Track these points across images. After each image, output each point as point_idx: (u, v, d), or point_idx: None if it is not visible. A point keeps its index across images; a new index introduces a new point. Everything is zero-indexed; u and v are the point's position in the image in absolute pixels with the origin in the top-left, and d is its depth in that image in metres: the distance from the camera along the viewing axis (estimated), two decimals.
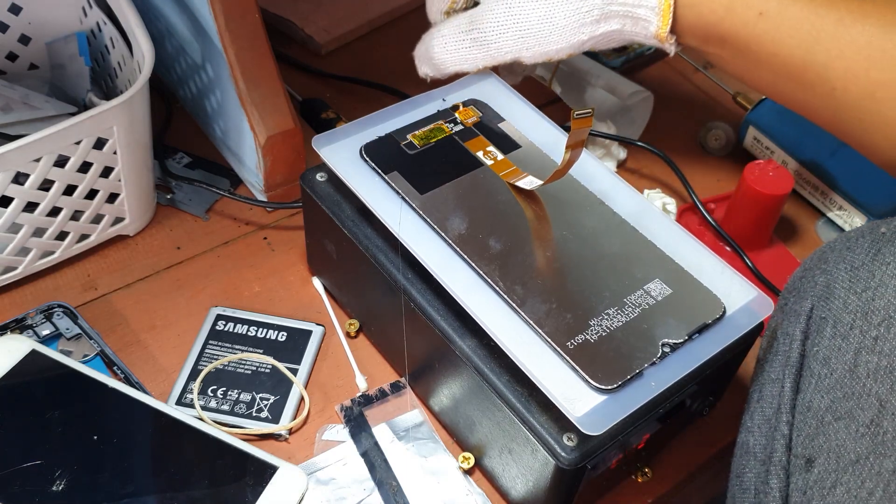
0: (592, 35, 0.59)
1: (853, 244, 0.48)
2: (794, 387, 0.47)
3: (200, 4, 0.65)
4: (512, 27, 0.60)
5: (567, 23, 0.59)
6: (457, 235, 0.54)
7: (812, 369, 0.46)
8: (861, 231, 0.48)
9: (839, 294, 0.46)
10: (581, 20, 0.59)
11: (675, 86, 0.90)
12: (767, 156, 0.79)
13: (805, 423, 0.46)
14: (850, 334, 0.45)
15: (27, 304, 0.65)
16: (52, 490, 0.52)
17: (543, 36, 0.60)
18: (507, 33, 0.60)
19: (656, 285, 0.52)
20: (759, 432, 0.49)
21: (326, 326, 0.65)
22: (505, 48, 0.61)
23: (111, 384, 0.57)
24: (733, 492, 0.50)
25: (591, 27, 0.59)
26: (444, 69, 0.64)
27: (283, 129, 0.68)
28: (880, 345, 0.44)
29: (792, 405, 0.47)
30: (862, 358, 0.44)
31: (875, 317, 0.44)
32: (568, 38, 0.60)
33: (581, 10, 0.58)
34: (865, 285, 0.45)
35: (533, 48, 0.61)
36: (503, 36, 0.60)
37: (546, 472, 0.49)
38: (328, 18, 0.91)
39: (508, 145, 0.60)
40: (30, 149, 0.57)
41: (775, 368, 0.49)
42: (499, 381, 0.50)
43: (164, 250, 0.70)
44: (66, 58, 0.72)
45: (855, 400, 0.44)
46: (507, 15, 0.60)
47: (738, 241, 0.71)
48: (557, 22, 0.59)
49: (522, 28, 0.60)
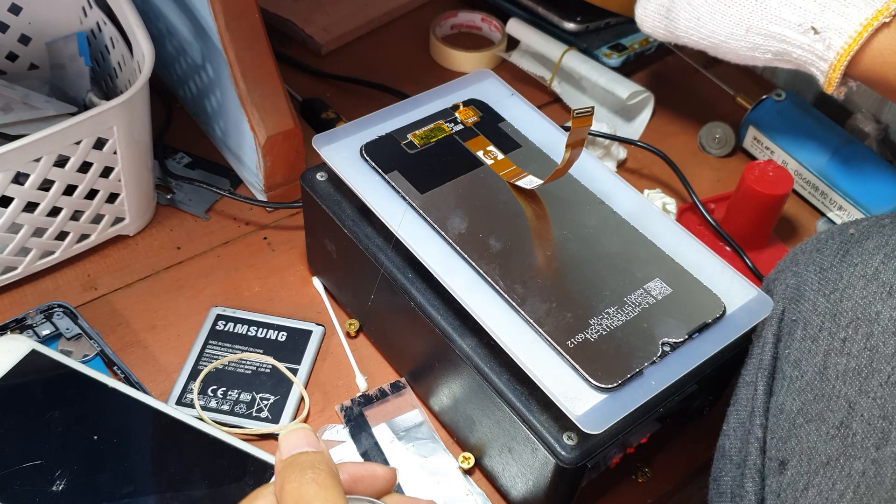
0: (766, 63, 0.65)
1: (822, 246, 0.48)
2: (767, 389, 0.48)
3: (200, 4, 0.65)
4: (696, 32, 0.66)
5: (745, 53, 0.65)
6: (457, 235, 0.54)
7: (784, 372, 0.47)
8: (831, 232, 0.49)
9: (809, 296, 0.47)
10: (757, 53, 0.64)
11: (675, 86, 0.90)
12: (767, 156, 0.79)
13: (778, 426, 0.46)
14: (820, 336, 0.45)
15: (27, 304, 0.65)
16: (52, 490, 0.51)
17: (721, 52, 0.66)
18: (692, 34, 0.67)
19: (656, 284, 0.52)
20: (735, 435, 0.49)
21: (326, 326, 0.65)
22: (686, 40, 0.68)
23: (111, 384, 0.57)
24: (711, 496, 0.50)
25: (765, 59, 0.64)
26: (640, 26, 0.72)
27: (283, 129, 0.68)
28: (848, 346, 0.44)
29: (765, 408, 0.47)
30: (831, 360, 0.44)
31: (843, 318, 0.44)
32: (743, 58, 0.66)
33: (760, 47, 0.63)
34: (833, 287, 0.46)
35: (709, 50, 0.67)
36: (688, 33, 0.67)
37: (546, 471, 0.49)
38: (328, 18, 0.91)
39: (508, 145, 0.60)
40: (30, 149, 0.57)
41: (749, 371, 0.49)
42: (499, 380, 0.50)
43: (164, 250, 0.70)
44: (66, 58, 0.72)
45: (825, 402, 0.44)
46: (696, 23, 0.65)
47: (738, 240, 0.71)
48: (735, 46, 0.64)
49: (705, 36, 0.66)
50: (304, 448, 0.37)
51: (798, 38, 0.60)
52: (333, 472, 0.36)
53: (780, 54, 0.62)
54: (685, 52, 0.90)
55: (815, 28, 0.58)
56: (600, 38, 0.88)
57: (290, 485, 0.35)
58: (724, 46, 0.65)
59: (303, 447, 0.37)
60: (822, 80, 0.61)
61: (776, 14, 0.60)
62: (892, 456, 0.42)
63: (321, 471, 0.36)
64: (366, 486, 0.39)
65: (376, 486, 0.39)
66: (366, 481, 0.39)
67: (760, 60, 0.65)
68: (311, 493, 0.35)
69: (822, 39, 0.58)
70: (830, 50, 0.58)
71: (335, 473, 0.36)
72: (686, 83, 0.90)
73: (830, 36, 0.58)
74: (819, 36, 0.58)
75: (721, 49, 0.66)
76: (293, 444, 0.37)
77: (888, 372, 0.42)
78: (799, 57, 0.61)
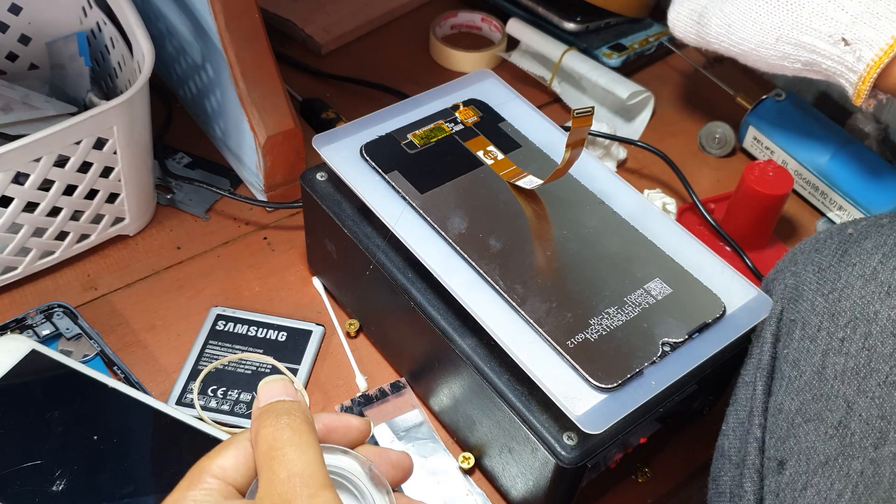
0: (795, 73, 0.65)
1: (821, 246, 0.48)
2: (765, 389, 0.48)
3: (200, 4, 0.65)
4: (727, 38, 0.67)
5: (775, 62, 0.65)
6: (457, 235, 0.54)
7: (783, 371, 0.47)
8: (829, 232, 0.49)
9: (807, 296, 0.47)
10: (786, 63, 0.64)
11: (675, 86, 0.90)
12: (767, 156, 0.79)
13: (777, 426, 0.46)
14: (818, 336, 0.45)
15: (27, 304, 0.65)
16: (52, 490, 0.51)
17: (751, 59, 0.67)
18: (722, 41, 0.67)
19: (656, 284, 0.52)
20: (734, 435, 0.49)
21: (326, 326, 0.65)
22: (717, 46, 0.69)
23: (111, 384, 0.57)
24: (710, 495, 0.50)
25: (794, 69, 0.65)
26: (671, 30, 0.73)
27: (283, 129, 0.68)
28: (847, 346, 0.44)
29: (764, 408, 0.47)
30: (829, 360, 0.44)
31: (841, 318, 0.44)
32: (772, 67, 0.66)
33: (789, 56, 0.63)
34: (832, 287, 0.46)
35: (739, 57, 0.68)
36: (719, 39, 0.68)
37: (546, 471, 0.49)
38: (328, 18, 0.91)
39: (508, 145, 0.60)
40: (30, 149, 0.57)
41: (748, 371, 0.49)
42: (499, 380, 0.50)
43: (164, 250, 0.70)
44: (66, 58, 0.72)
45: (823, 402, 0.44)
46: (727, 30, 0.66)
47: (738, 240, 0.71)
48: (765, 55, 0.65)
49: (735, 43, 0.66)
50: (281, 397, 0.38)
51: (828, 49, 0.60)
52: (308, 420, 0.37)
53: (809, 64, 0.63)
54: (685, 53, 0.90)
55: (846, 39, 0.58)
56: (600, 38, 0.88)
57: (265, 429, 0.36)
58: (753, 54, 0.65)
59: (281, 396, 0.38)
60: (851, 92, 0.61)
61: (807, 24, 0.61)
62: (890, 456, 0.42)
63: (296, 417, 0.37)
64: (340, 436, 0.40)
65: (350, 436, 0.40)
66: (340, 431, 0.40)
67: (789, 70, 0.65)
68: (284, 437, 0.36)
69: (853, 51, 0.58)
70: (860, 62, 0.58)
71: (310, 421, 0.37)
72: (686, 83, 0.90)
73: (861, 48, 0.58)
74: (850, 47, 0.59)
75: (750, 57, 0.66)
76: (270, 393, 0.38)
77: (886, 372, 0.42)
78: (828, 68, 0.61)
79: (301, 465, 0.35)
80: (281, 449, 0.35)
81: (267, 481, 0.35)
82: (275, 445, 0.35)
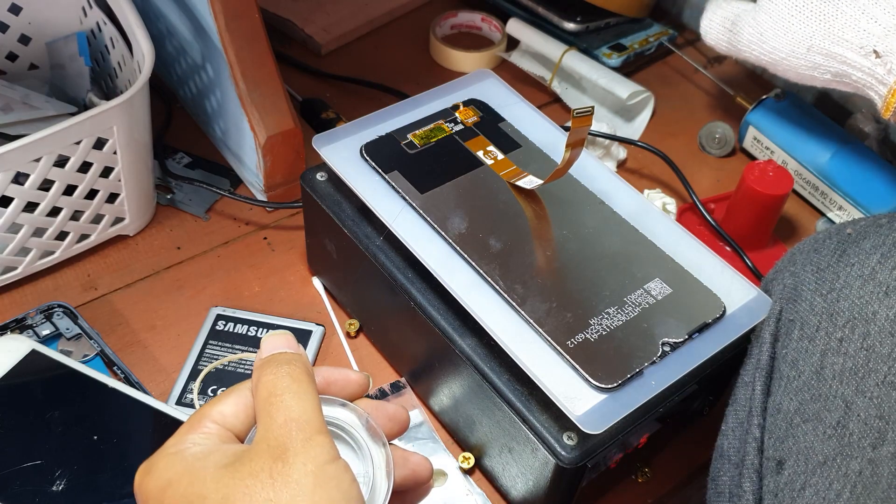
0: (824, 84, 0.66)
1: (820, 246, 0.48)
2: (764, 389, 0.48)
3: (200, 4, 0.65)
4: (758, 47, 0.67)
5: (805, 72, 0.65)
6: (457, 235, 0.54)
7: (781, 371, 0.47)
8: (828, 232, 0.49)
9: (806, 296, 0.47)
10: (816, 73, 0.65)
11: (675, 86, 0.90)
12: (767, 156, 0.79)
13: (775, 426, 0.46)
14: (817, 336, 0.45)
15: (27, 304, 0.65)
16: (52, 490, 0.51)
17: (781, 69, 0.67)
18: (754, 49, 0.68)
19: (656, 284, 0.52)
20: (733, 435, 0.49)
21: (326, 326, 0.65)
22: (748, 55, 0.69)
23: (111, 384, 0.57)
24: (709, 495, 0.50)
25: (824, 80, 0.65)
26: (703, 37, 0.73)
27: (283, 129, 0.68)
28: (845, 346, 0.44)
29: (763, 408, 0.47)
30: (828, 360, 0.44)
31: (840, 318, 0.44)
32: (802, 77, 0.66)
33: (820, 66, 0.63)
34: (830, 287, 0.46)
35: (769, 66, 0.68)
36: (750, 48, 0.68)
37: (546, 471, 0.49)
38: (328, 18, 0.91)
39: (508, 145, 0.60)
40: (30, 149, 0.57)
41: (747, 371, 0.49)
42: (499, 380, 0.50)
43: (164, 250, 0.70)
44: (66, 58, 0.72)
45: (822, 402, 0.44)
46: (759, 38, 0.66)
47: (738, 240, 0.71)
48: (795, 65, 0.65)
49: (766, 52, 0.67)
50: (283, 349, 0.39)
51: (859, 61, 0.60)
52: (308, 371, 0.38)
53: (839, 75, 0.63)
54: (685, 53, 0.90)
55: (878, 52, 0.59)
56: (600, 38, 0.88)
57: (266, 377, 0.37)
58: (784, 63, 0.66)
59: (282, 348, 0.39)
60: (880, 105, 0.61)
61: (839, 35, 0.61)
62: (888, 456, 0.42)
63: (296, 367, 0.38)
64: (338, 388, 0.41)
65: (349, 389, 0.41)
66: (339, 384, 0.41)
67: (819, 81, 0.65)
68: (284, 384, 0.37)
69: (884, 63, 0.59)
70: (891, 74, 0.58)
71: (310, 372, 0.38)
72: (686, 83, 0.90)
73: (892, 60, 0.58)
74: (881, 60, 0.59)
75: (781, 66, 0.66)
76: (273, 345, 0.39)
77: (884, 372, 0.42)
78: (858, 80, 0.61)
79: (298, 410, 0.36)
80: (280, 395, 0.36)
81: (264, 425, 0.36)
82: (274, 392, 0.36)
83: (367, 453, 0.39)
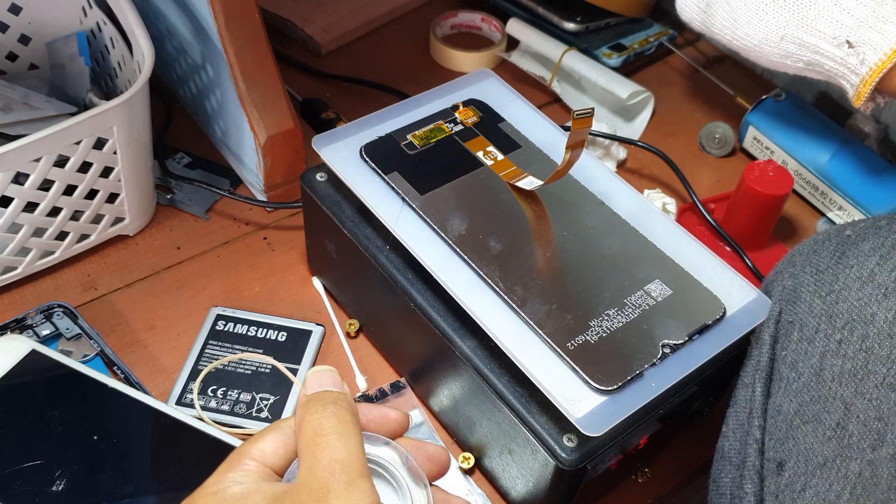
0: (797, 71, 0.65)
1: (819, 247, 0.48)
2: (764, 391, 0.48)
3: (200, 4, 0.65)
4: (731, 32, 0.67)
5: (777, 60, 0.65)
6: (457, 236, 0.54)
7: (781, 373, 0.47)
8: (828, 234, 0.49)
9: (805, 298, 0.47)
10: (789, 61, 0.64)
11: (675, 86, 0.90)
12: (767, 156, 0.79)
13: (776, 427, 0.46)
14: (816, 338, 0.45)
15: (27, 304, 0.65)
16: (52, 490, 0.52)
17: (753, 55, 0.67)
18: (726, 33, 0.67)
19: (656, 286, 0.52)
20: (734, 437, 0.49)
21: (326, 326, 0.65)
22: (720, 38, 0.69)
23: (111, 384, 0.57)
24: (711, 497, 0.50)
25: (796, 68, 0.65)
26: (679, 13, 0.73)
27: (283, 129, 0.68)
28: (844, 348, 0.44)
29: (763, 409, 0.47)
30: (827, 361, 0.44)
31: (839, 320, 0.45)
32: (774, 64, 0.66)
33: (792, 55, 0.63)
34: (829, 289, 0.46)
35: (741, 51, 0.68)
36: (723, 31, 0.68)
37: (546, 472, 0.49)
38: (328, 18, 0.91)
39: (508, 145, 0.60)
40: (30, 149, 0.57)
41: (747, 373, 0.49)
42: (499, 381, 0.50)
43: (164, 250, 0.70)
44: (66, 58, 0.72)
45: (821, 403, 0.44)
46: (732, 24, 0.66)
47: (738, 241, 0.71)
48: (768, 52, 0.65)
49: (739, 38, 0.66)
50: (328, 387, 0.39)
51: (832, 51, 0.60)
52: (354, 412, 0.38)
53: (811, 64, 0.63)
54: (685, 53, 0.90)
55: (850, 42, 0.58)
56: (600, 38, 0.87)
57: (312, 416, 0.37)
58: (756, 50, 0.65)
59: (328, 386, 0.39)
60: (852, 94, 0.61)
61: (812, 25, 0.61)
62: (887, 457, 0.42)
63: (342, 408, 0.38)
64: (377, 427, 0.41)
65: (388, 427, 0.41)
66: (377, 422, 0.41)
67: (791, 68, 0.65)
68: (330, 425, 0.37)
69: (856, 54, 0.59)
70: (864, 65, 0.58)
71: (355, 413, 0.38)
72: (686, 83, 0.90)
73: (865, 51, 0.58)
74: (853, 50, 0.59)
75: (753, 52, 0.66)
76: (319, 383, 0.39)
77: (883, 374, 0.42)
78: (831, 69, 0.61)
79: (343, 452, 0.36)
80: (326, 435, 0.36)
81: (308, 465, 0.36)
82: (320, 432, 0.37)
83: (408, 493, 0.39)
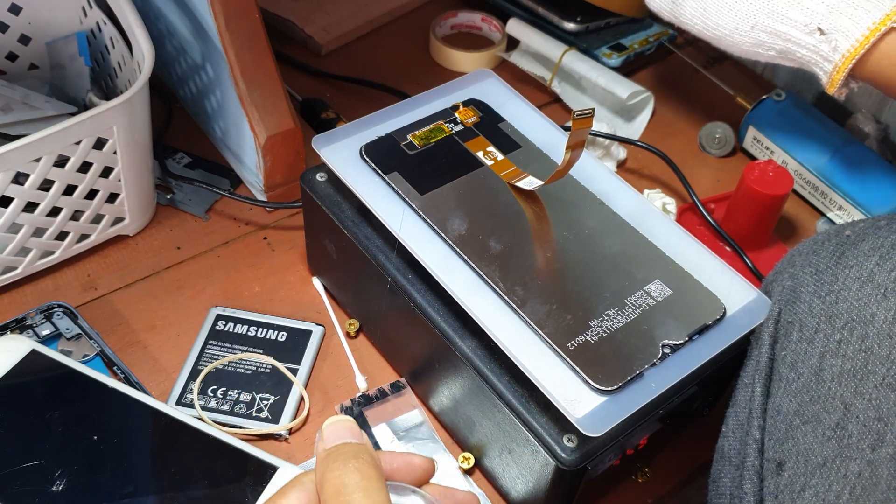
0: (769, 60, 0.64)
1: (819, 248, 0.48)
2: (764, 391, 0.48)
3: (200, 4, 0.65)
4: (701, 22, 0.66)
5: (749, 49, 0.64)
6: (457, 236, 0.54)
7: (781, 373, 0.47)
8: (827, 234, 0.49)
9: (804, 298, 0.47)
10: (761, 50, 0.64)
11: (675, 86, 0.90)
12: (767, 156, 0.79)
13: (775, 427, 0.46)
14: (815, 338, 0.45)
15: (27, 304, 0.65)
16: (52, 490, 0.51)
17: (724, 44, 0.66)
18: (696, 24, 0.67)
19: (656, 286, 0.52)
20: (734, 437, 0.49)
21: (326, 326, 0.65)
22: (689, 28, 0.68)
23: (111, 384, 0.57)
24: (711, 497, 0.50)
25: (769, 56, 0.64)
26: (647, 3, 0.72)
27: (283, 129, 0.68)
28: (843, 348, 0.44)
29: (763, 409, 0.47)
30: (827, 361, 0.44)
31: (838, 320, 0.45)
32: (746, 53, 0.65)
33: (764, 44, 0.63)
34: (829, 289, 0.46)
35: (712, 41, 0.67)
36: (693, 21, 0.67)
37: (546, 472, 0.49)
38: (328, 18, 0.91)
39: (508, 145, 0.60)
40: (30, 149, 0.57)
41: (747, 373, 0.49)
42: (499, 381, 0.50)
43: (164, 250, 0.70)
44: (66, 58, 0.72)
45: (821, 403, 0.44)
46: (702, 13, 0.65)
47: (738, 241, 0.71)
48: (739, 41, 0.64)
49: (709, 27, 0.66)
50: (348, 439, 0.38)
51: (803, 38, 0.60)
52: (376, 464, 0.37)
53: (784, 53, 0.62)
54: (685, 53, 0.90)
55: (822, 29, 0.58)
56: (600, 38, 0.87)
57: (333, 472, 0.36)
58: (727, 40, 0.65)
59: (347, 438, 0.38)
60: (825, 81, 0.61)
61: (783, 13, 0.60)
62: (887, 457, 0.42)
63: (364, 461, 0.36)
64: (402, 475, 0.40)
65: (413, 474, 0.40)
66: (403, 471, 0.40)
67: (763, 57, 0.65)
68: (353, 481, 0.35)
69: (828, 41, 0.58)
70: (836, 52, 0.58)
71: (378, 465, 0.37)
72: (686, 83, 0.90)
73: (837, 38, 0.58)
74: (825, 37, 0.58)
75: (724, 42, 0.66)
76: (337, 435, 0.38)
77: (883, 374, 0.42)
78: (803, 57, 0.61)
79: None
80: (350, 494, 0.35)
81: None
82: (343, 490, 0.35)
83: None
